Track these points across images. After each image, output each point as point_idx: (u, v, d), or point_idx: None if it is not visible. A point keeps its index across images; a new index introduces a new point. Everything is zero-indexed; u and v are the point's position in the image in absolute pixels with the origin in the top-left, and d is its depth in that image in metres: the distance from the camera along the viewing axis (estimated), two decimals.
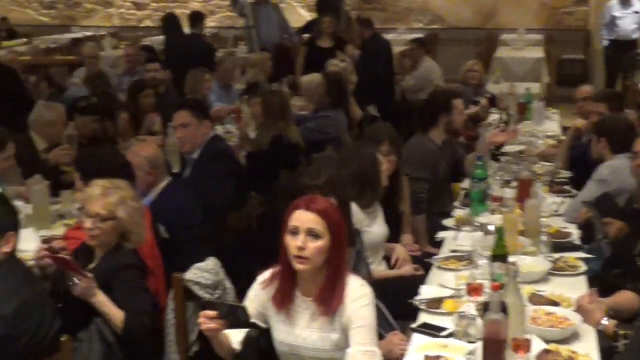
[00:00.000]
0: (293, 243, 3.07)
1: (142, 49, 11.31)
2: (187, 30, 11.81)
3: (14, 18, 16.36)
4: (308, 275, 3.14)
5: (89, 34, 15.56)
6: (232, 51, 12.58)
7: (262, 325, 3.25)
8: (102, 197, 3.72)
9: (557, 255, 4.21)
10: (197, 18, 11.81)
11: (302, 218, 3.09)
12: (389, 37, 11.92)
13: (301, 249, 3.05)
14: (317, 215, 3.09)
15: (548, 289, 3.80)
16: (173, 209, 4.61)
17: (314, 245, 3.06)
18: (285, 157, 6.28)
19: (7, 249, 3.38)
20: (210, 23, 15.95)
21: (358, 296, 3.13)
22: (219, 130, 7.84)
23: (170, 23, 11.78)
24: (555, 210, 5.02)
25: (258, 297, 3.26)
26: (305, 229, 3.07)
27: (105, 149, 4.54)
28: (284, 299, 3.18)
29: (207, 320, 2.99)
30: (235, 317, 3.02)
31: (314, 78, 7.76)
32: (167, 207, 4.63)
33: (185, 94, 8.47)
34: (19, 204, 5.05)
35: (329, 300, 3.11)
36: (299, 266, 3.08)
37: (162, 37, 14.48)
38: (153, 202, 4.71)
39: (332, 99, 7.25)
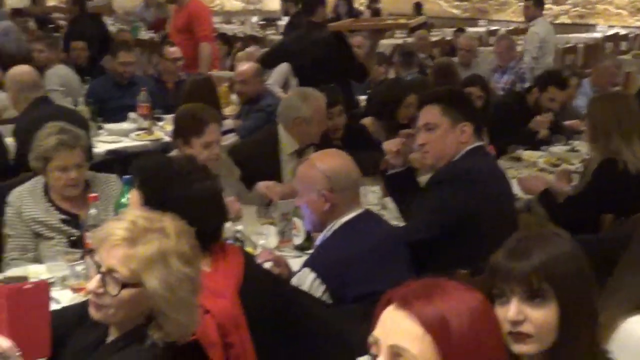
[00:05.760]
0: None
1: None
2: None
3: (425, 9, 15.50)
4: None
5: (493, 28, 14.09)
6: None
7: None
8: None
9: None
10: None
11: None
12: None
13: None
14: None
15: None
16: (340, 262, 2.89)
17: None
18: None
19: None
20: None
21: None
22: None
23: None
24: None
25: None
26: None
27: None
28: None
29: None
30: None
31: None
32: (332, 256, 2.92)
33: None
34: None
35: None
36: None
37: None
38: (320, 244, 3.04)
39: None
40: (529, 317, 1.84)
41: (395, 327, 1.47)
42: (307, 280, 2.87)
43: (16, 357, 1.90)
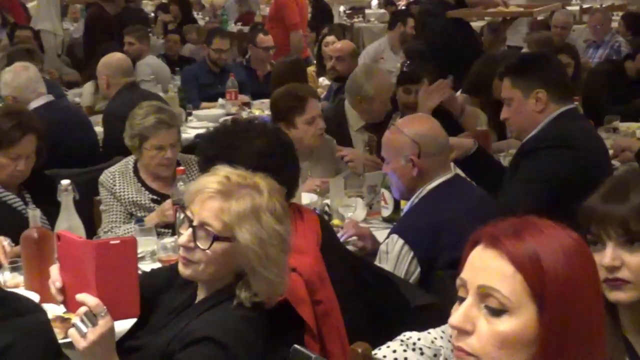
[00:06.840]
0: None
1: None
2: None
3: None
4: None
5: (586, 5, 13.63)
6: None
7: None
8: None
9: None
10: None
11: None
12: None
13: None
14: None
15: None
16: (429, 228, 2.82)
17: None
18: None
19: None
20: None
21: None
22: None
23: None
24: None
25: None
26: None
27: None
28: None
29: None
30: None
31: None
32: (421, 222, 2.86)
33: None
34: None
35: None
36: None
37: None
38: (408, 211, 2.97)
39: None
40: (626, 262, 1.73)
41: (484, 266, 1.38)
42: (395, 248, 2.81)
43: (103, 315, 1.84)
